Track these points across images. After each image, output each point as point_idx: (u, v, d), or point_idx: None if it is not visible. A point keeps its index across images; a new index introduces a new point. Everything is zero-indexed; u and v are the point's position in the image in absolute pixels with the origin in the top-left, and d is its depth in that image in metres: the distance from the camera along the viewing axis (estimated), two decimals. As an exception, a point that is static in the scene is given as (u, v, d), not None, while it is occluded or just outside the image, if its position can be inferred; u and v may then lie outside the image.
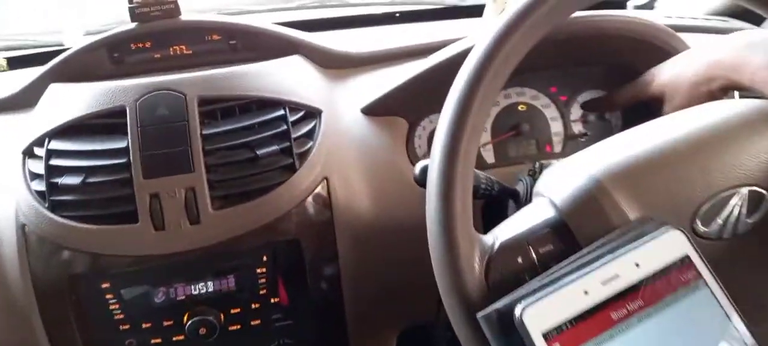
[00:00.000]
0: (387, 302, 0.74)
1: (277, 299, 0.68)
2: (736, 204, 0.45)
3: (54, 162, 0.62)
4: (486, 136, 0.81)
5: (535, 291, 0.38)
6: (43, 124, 0.65)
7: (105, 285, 0.63)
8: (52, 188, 0.61)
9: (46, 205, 0.61)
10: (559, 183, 0.48)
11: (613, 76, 0.82)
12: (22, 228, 0.62)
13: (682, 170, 0.45)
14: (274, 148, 0.64)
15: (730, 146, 0.46)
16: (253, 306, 0.67)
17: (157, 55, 0.74)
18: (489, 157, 0.81)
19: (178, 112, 0.63)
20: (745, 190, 0.45)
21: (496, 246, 0.45)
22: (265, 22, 0.79)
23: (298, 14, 1.11)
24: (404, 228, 0.68)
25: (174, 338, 0.67)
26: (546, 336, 0.36)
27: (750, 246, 0.46)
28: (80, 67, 0.72)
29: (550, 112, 0.83)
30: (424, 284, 0.72)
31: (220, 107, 0.65)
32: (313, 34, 0.83)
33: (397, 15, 1.11)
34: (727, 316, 0.38)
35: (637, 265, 0.38)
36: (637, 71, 0.80)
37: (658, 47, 0.77)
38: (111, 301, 0.64)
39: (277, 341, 0.70)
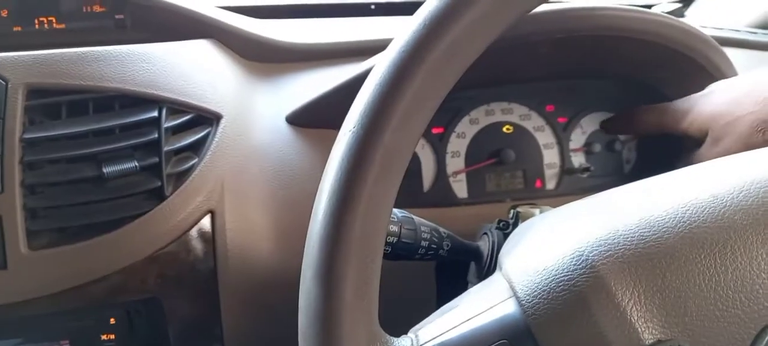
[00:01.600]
0: None
1: (133, 377, 0.48)
2: None
3: None
4: (459, 164, 0.63)
5: None
6: None
7: None
8: None
9: None
10: (529, 260, 0.29)
11: (631, 96, 0.64)
12: None
13: (740, 263, 0.26)
14: (131, 165, 0.44)
15: None
16: (98, 385, 0.48)
17: (17, 28, 0.55)
18: (461, 190, 0.63)
19: (-8, 105, 0.44)
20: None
21: None
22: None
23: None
24: None
25: None
26: None
27: None
28: None
29: (544, 138, 0.65)
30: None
31: (64, 101, 0.46)
32: (243, 17, 0.64)
33: (373, 7, 0.93)
34: None
35: None
36: (663, 93, 0.61)
37: (697, 64, 0.57)
38: None
39: None
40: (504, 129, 0.64)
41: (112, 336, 0.47)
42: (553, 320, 0.26)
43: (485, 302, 0.30)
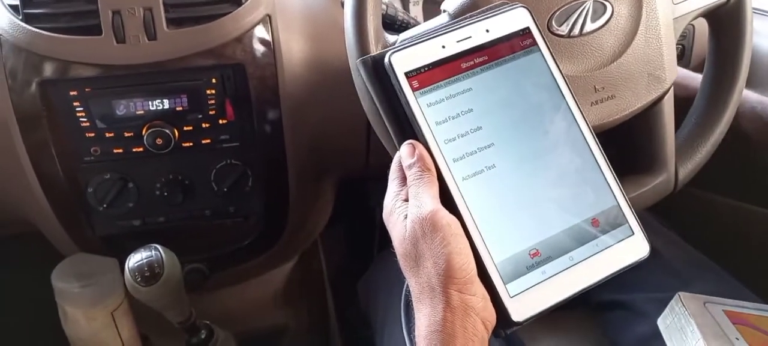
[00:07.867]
0: (324, 142, 0.85)
1: (225, 120, 0.79)
2: (583, 10, 0.57)
3: (26, -22, 0.71)
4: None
5: (402, 43, 0.49)
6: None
7: (72, 93, 0.73)
8: (25, 2, 0.70)
9: (21, 17, 0.70)
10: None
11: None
12: (-2, 37, 0.71)
13: None
14: (222, -16, 0.74)
15: None
16: (203, 126, 0.78)
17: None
18: (419, 16, 0.93)
19: (137, -57, 0.71)
20: (591, 1, 0.57)
21: (398, 41, 0.57)
22: None
23: None
24: (338, 72, 0.79)
25: (133, 149, 0.77)
26: (408, 75, 0.46)
27: (591, 44, 0.58)
28: None
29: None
30: (355, 135, 0.83)
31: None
32: None
33: None
34: (553, 75, 0.49)
35: (488, 30, 0.48)
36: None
37: None
38: (78, 108, 0.74)
39: (226, 160, 0.81)
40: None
41: (213, 91, 0.77)
42: (460, 11, 0.57)
43: (433, 21, 0.60)
